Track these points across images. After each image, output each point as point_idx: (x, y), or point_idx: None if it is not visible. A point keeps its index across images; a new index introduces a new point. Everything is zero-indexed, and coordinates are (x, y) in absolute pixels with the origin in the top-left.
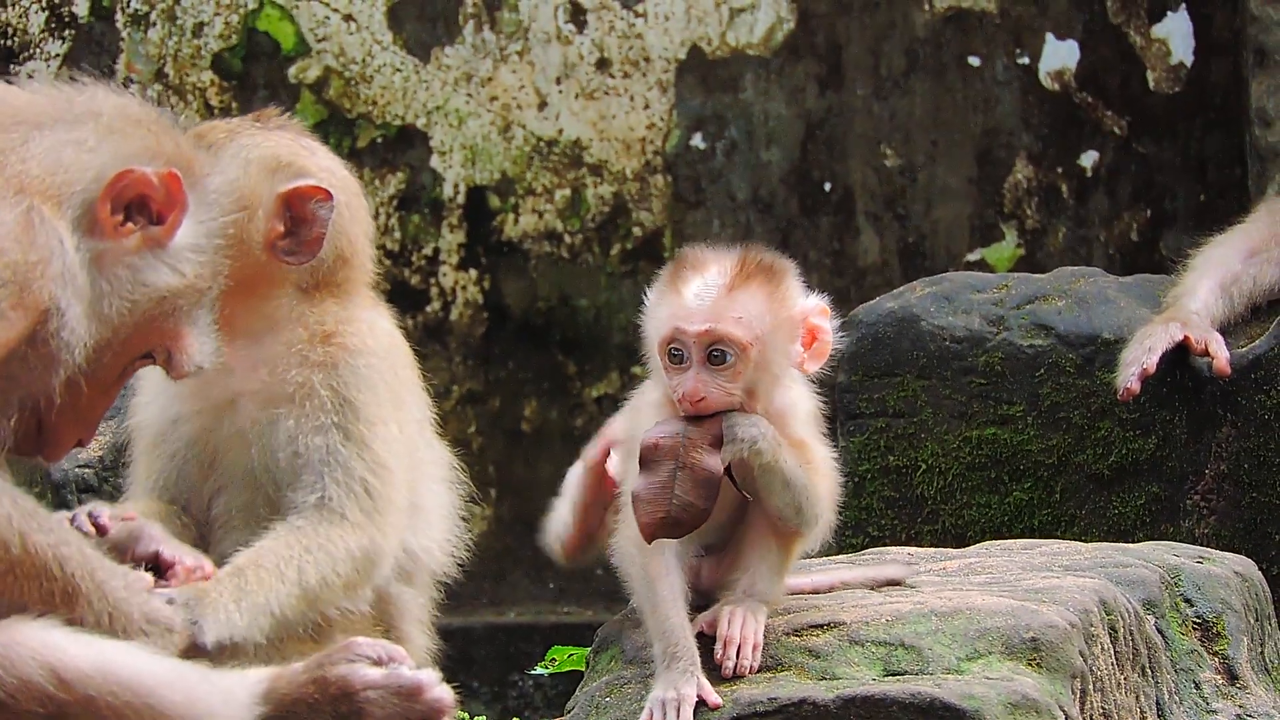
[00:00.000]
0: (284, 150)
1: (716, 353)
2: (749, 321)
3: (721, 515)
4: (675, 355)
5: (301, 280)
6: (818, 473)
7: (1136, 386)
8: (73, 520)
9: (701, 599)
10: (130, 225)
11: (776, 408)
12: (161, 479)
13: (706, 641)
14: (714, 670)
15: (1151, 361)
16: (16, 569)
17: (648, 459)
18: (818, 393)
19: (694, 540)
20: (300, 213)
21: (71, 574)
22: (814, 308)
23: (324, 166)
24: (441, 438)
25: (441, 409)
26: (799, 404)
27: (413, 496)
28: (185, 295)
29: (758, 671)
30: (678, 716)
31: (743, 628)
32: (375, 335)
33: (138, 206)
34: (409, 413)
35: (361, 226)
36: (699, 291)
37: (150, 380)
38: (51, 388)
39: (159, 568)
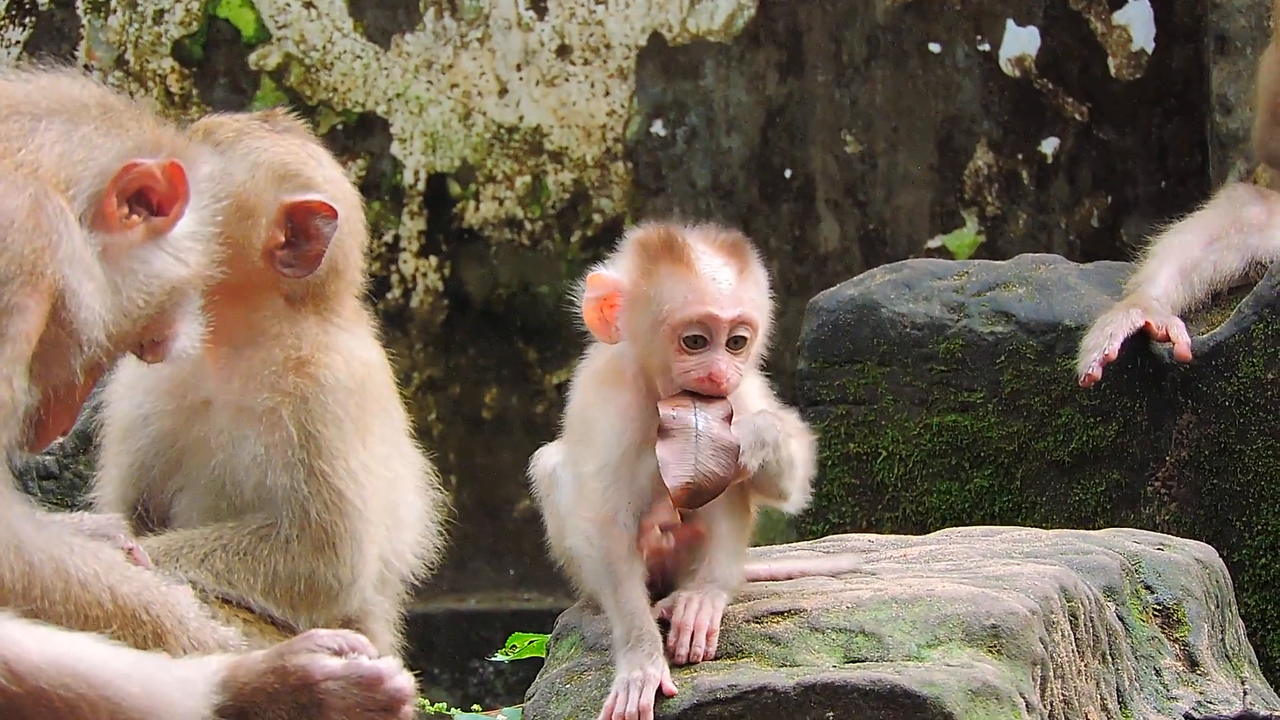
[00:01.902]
0: (293, 159)
1: (739, 337)
2: (760, 304)
3: None
4: (695, 340)
5: (292, 291)
6: (800, 445)
7: (1098, 373)
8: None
9: (661, 586)
10: (134, 218)
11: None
12: (127, 472)
13: (664, 629)
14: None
15: (1113, 348)
16: (113, 621)
17: (670, 429)
18: (770, 378)
19: (652, 514)
20: (303, 225)
21: (157, 616)
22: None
23: (329, 178)
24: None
25: (402, 396)
26: (753, 385)
27: (386, 518)
28: (192, 284)
29: (717, 659)
30: (640, 697)
31: (699, 614)
32: (349, 367)
33: (140, 198)
34: (379, 437)
35: (357, 239)
36: (717, 275)
37: (126, 372)
38: (74, 371)
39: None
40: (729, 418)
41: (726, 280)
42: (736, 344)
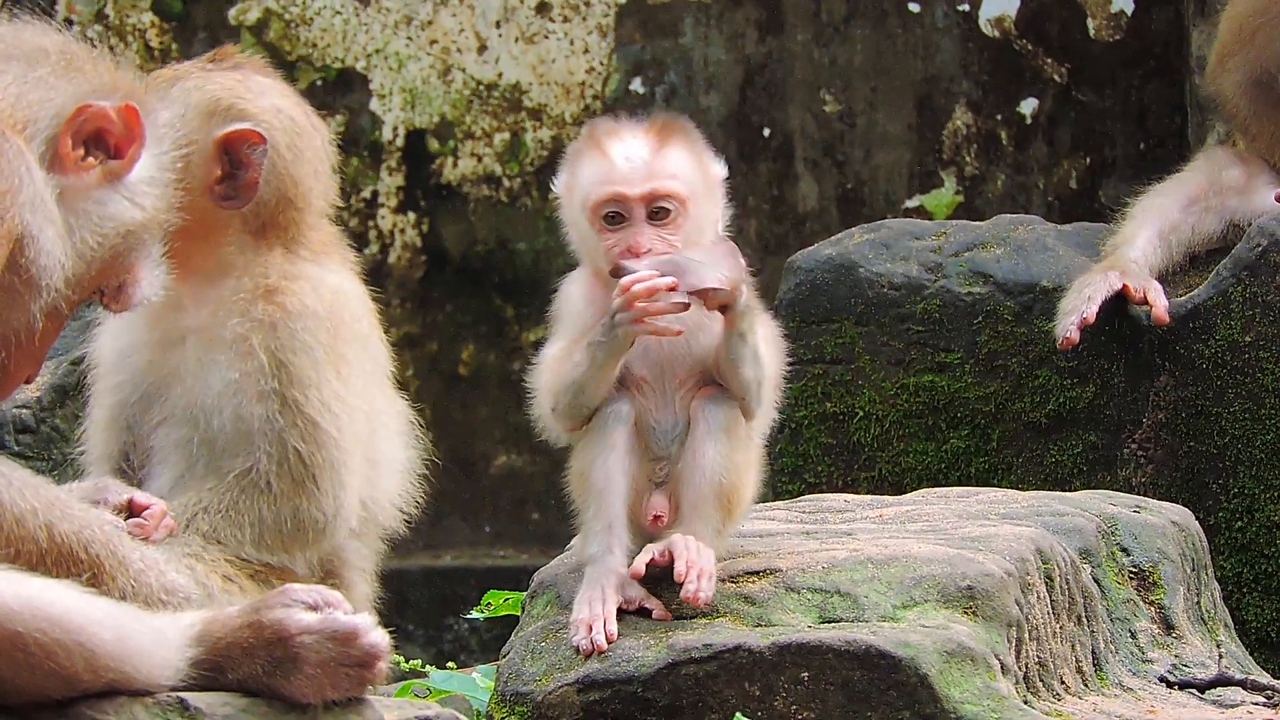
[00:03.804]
0: (224, 93)
1: (658, 209)
2: (684, 176)
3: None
4: (612, 218)
5: (248, 224)
6: (769, 344)
7: (1075, 335)
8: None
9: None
10: (90, 160)
11: None
12: (111, 412)
13: (651, 585)
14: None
15: (1090, 310)
16: (47, 558)
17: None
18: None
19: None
20: (238, 156)
21: (96, 555)
22: (722, 172)
23: (267, 107)
24: None
25: None
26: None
27: (366, 451)
28: (148, 228)
29: (691, 617)
30: (603, 607)
31: (700, 555)
32: (318, 294)
33: (96, 141)
34: (356, 368)
35: (308, 167)
36: (627, 153)
37: (109, 320)
38: (33, 317)
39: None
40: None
41: (638, 157)
42: (659, 216)
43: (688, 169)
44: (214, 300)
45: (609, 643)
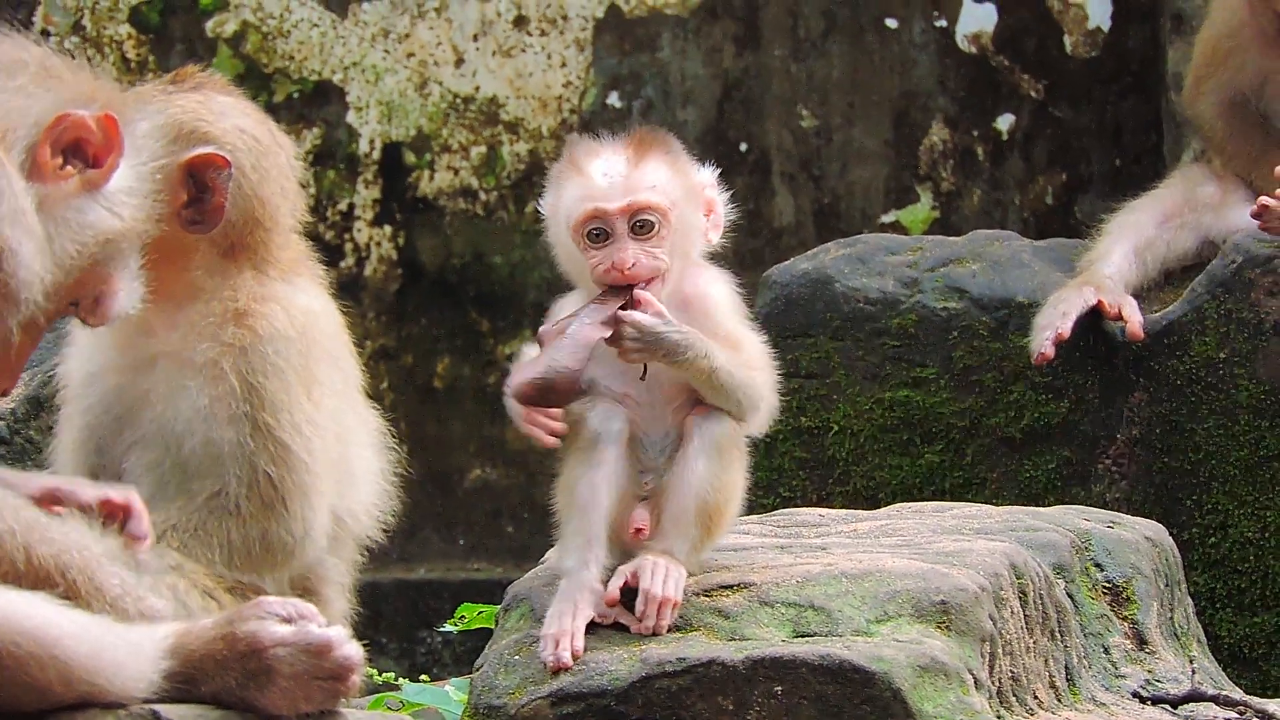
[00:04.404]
0: (186, 116)
1: (640, 223)
2: (663, 188)
3: (666, 419)
4: (596, 235)
5: (216, 245)
6: (753, 368)
7: (1051, 351)
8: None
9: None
10: (69, 169)
11: (693, 292)
12: (80, 435)
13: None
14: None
15: (1065, 326)
16: (23, 580)
17: (542, 339)
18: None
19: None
20: (203, 181)
21: (74, 580)
22: (708, 178)
23: (230, 128)
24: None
25: None
26: (718, 293)
27: (336, 472)
28: (126, 238)
29: (667, 631)
30: (573, 621)
31: (665, 584)
32: (289, 315)
33: (74, 150)
34: (327, 388)
35: (274, 185)
36: (606, 170)
37: (79, 337)
38: (10, 331)
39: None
40: (610, 320)
41: (616, 172)
42: (642, 230)
43: (667, 180)
44: (184, 324)
45: (575, 659)
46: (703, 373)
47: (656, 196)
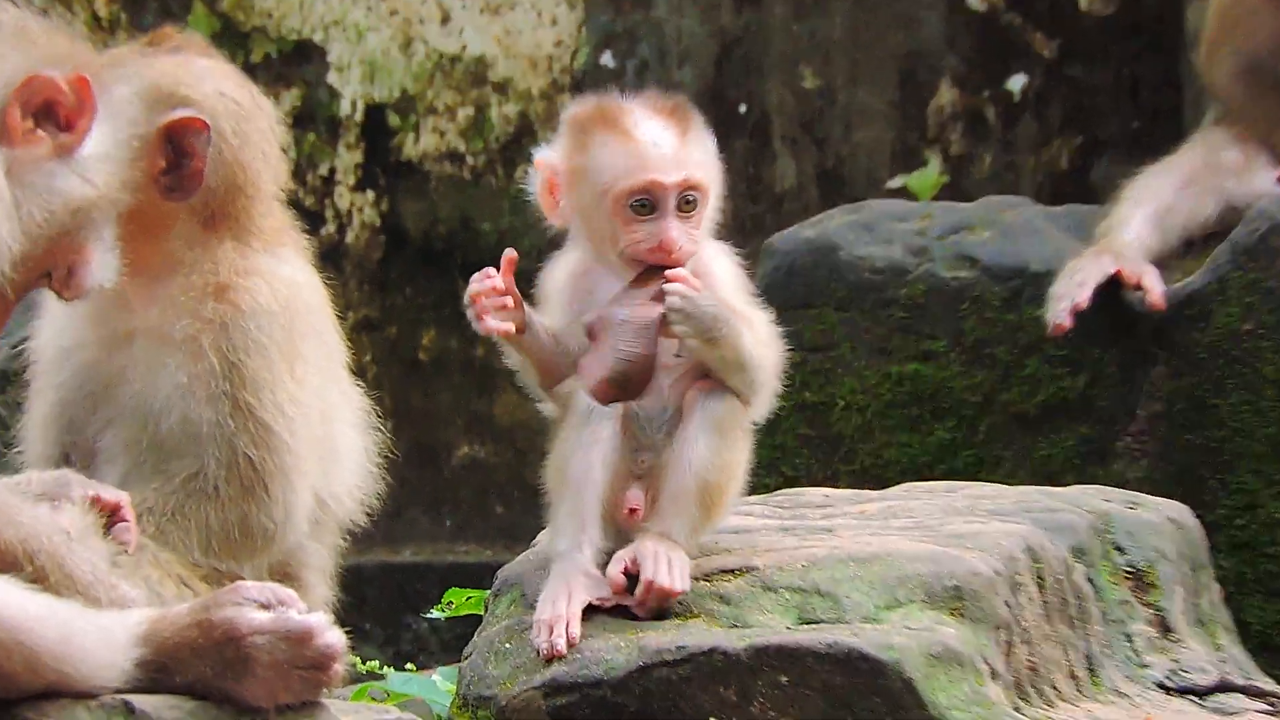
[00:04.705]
0: (165, 79)
1: (687, 199)
2: (707, 166)
3: (664, 394)
4: (641, 206)
5: (196, 215)
6: (763, 344)
7: (1067, 322)
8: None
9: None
10: (40, 133)
11: (696, 267)
12: (52, 411)
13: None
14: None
15: (1083, 296)
16: None
17: (594, 330)
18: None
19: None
20: (181, 146)
21: (42, 566)
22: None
23: (210, 92)
24: None
25: None
26: (722, 268)
27: (320, 452)
28: (99, 207)
29: (664, 618)
30: (568, 606)
31: (670, 572)
32: (271, 289)
33: (45, 113)
34: (311, 365)
35: (256, 151)
36: (656, 138)
37: (51, 310)
38: None
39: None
40: (659, 296)
41: (667, 143)
42: (687, 207)
43: (709, 157)
44: (162, 299)
45: (570, 646)
46: (734, 351)
47: (702, 174)
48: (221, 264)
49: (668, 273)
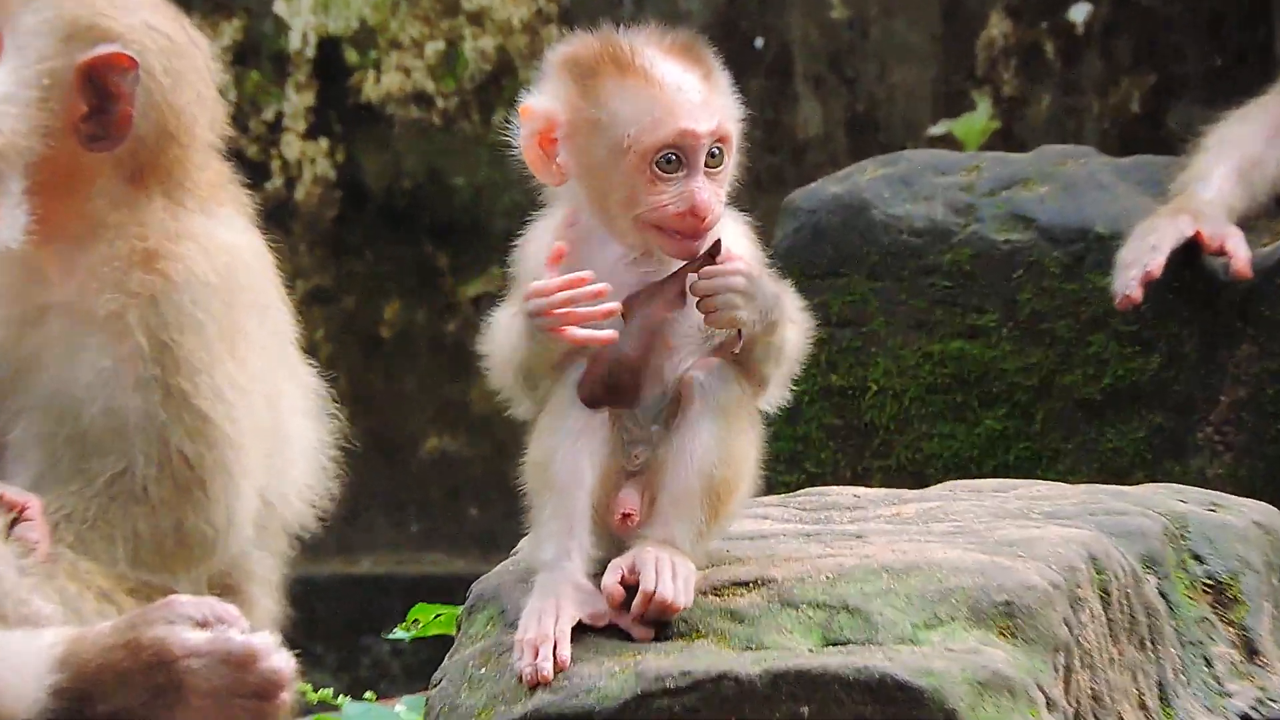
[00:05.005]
0: (83, 10)
1: (714, 152)
2: (732, 114)
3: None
4: (668, 163)
5: (122, 168)
6: (793, 323)
7: (1138, 294)
8: None
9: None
10: None
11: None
12: None
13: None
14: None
15: (1156, 262)
16: None
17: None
18: None
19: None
20: (106, 87)
21: None
22: None
23: (136, 24)
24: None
25: None
26: (733, 236)
27: (266, 444)
28: (4, 157)
29: (667, 638)
30: (555, 624)
31: (675, 584)
32: (208, 256)
33: None
34: (254, 344)
35: (191, 92)
36: (681, 82)
37: None
38: None
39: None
40: (681, 293)
41: (694, 88)
42: (713, 162)
43: (732, 104)
44: (83, 269)
45: (558, 670)
46: (779, 337)
47: (731, 123)
48: (150, 227)
49: (726, 251)
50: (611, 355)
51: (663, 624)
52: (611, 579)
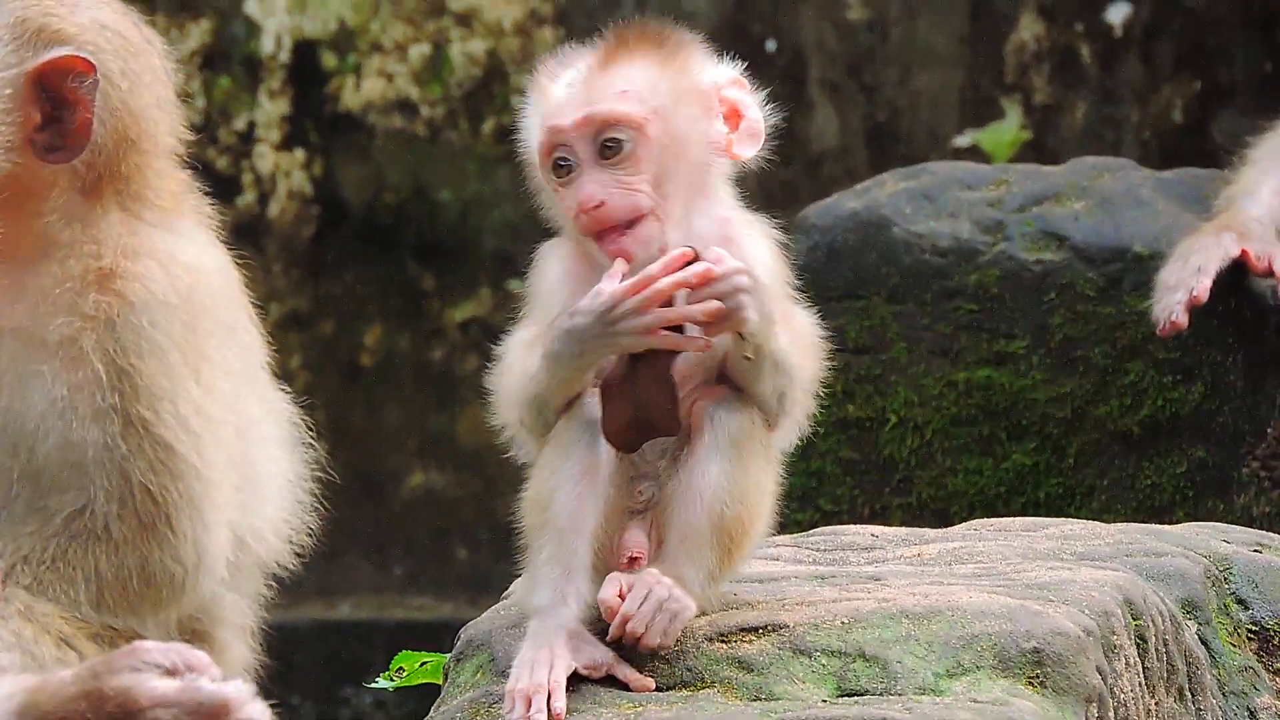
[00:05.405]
0: (32, 11)
1: (609, 142)
2: (638, 93)
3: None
4: (562, 165)
5: (77, 180)
6: (802, 349)
7: (1182, 319)
8: None
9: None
10: None
11: (719, 237)
12: None
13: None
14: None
15: (1201, 286)
16: None
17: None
18: None
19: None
20: (59, 93)
21: None
22: (727, 77)
23: (88, 24)
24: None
25: None
26: (758, 249)
27: (235, 476)
28: None
29: (670, 687)
30: (549, 673)
31: (656, 613)
32: (169, 274)
33: None
34: (221, 369)
35: (149, 96)
36: (570, 80)
37: None
38: None
39: None
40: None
41: (575, 82)
42: (609, 152)
43: (647, 83)
44: (34, 290)
45: None
46: (775, 345)
47: (625, 105)
48: (105, 244)
49: (711, 251)
50: (630, 392)
51: (664, 666)
52: (610, 591)
